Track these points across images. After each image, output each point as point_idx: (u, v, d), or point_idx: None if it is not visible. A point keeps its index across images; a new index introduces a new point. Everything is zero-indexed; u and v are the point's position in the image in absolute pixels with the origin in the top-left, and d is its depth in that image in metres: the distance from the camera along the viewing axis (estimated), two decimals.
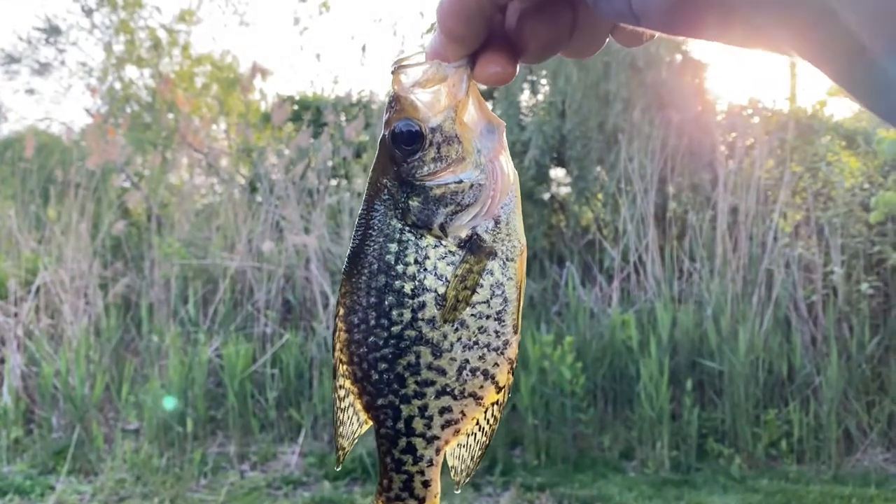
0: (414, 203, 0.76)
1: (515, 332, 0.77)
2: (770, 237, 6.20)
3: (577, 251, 7.19)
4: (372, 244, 0.77)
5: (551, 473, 5.15)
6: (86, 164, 7.23)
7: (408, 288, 0.76)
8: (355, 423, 0.80)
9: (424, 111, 0.75)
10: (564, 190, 8.49)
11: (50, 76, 12.39)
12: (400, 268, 0.76)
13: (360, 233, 0.78)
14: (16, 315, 6.23)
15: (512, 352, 0.77)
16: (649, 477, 5.14)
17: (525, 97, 8.33)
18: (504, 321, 0.76)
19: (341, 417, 0.80)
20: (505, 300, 0.76)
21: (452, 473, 0.81)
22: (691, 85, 7.77)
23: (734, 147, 7.04)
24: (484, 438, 0.80)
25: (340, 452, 0.81)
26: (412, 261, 0.76)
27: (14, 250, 7.00)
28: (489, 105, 0.78)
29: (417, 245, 0.76)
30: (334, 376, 0.79)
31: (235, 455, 5.40)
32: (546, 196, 8.08)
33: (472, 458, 0.81)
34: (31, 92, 12.43)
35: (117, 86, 10.80)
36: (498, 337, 0.77)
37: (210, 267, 6.69)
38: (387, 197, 0.78)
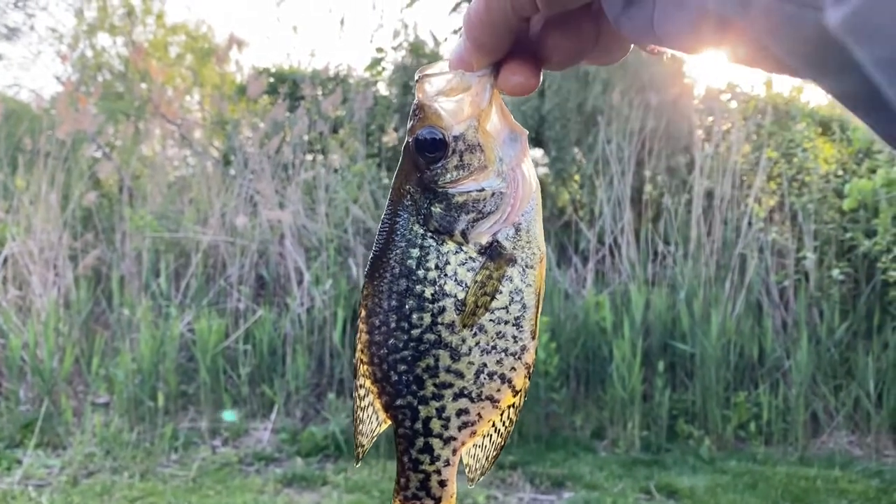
0: (436, 209, 0.78)
1: (533, 338, 0.78)
2: (744, 222, 6.25)
3: (554, 232, 7.20)
4: (394, 248, 0.79)
5: (523, 452, 5.18)
6: (56, 133, 7.07)
7: (428, 292, 0.77)
8: (374, 422, 0.81)
9: (448, 119, 0.76)
10: (541, 171, 8.48)
11: (18, 41, 12.10)
12: (421, 272, 0.78)
13: (382, 237, 0.80)
14: None
15: (529, 357, 0.79)
16: (620, 457, 5.20)
17: None
18: (522, 327, 0.78)
19: (361, 416, 0.81)
20: (523, 306, 0.77)
21: (467, 471, 0.83)
22: (670, 68, 7.77)
23: (711, 131, 7.07)
24: (499, 440, 0.82)
25: (360, 450, 0.83)
26: (433, 266, 0.78)
27: None
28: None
29: (439, 251, 0.78)
30: (355, 376, 0.81)
31: (207, 430, 5.36)
32: None
33: (486, 458, 0.83)
34: None
35: (89, 53, 10.56)
36: (516, 342, 0.78)
37: (182, 240, 6.61)
38: (409, 203, 0.79)
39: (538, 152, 8.38)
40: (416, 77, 0.77)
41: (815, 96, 8.03)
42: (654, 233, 6.47)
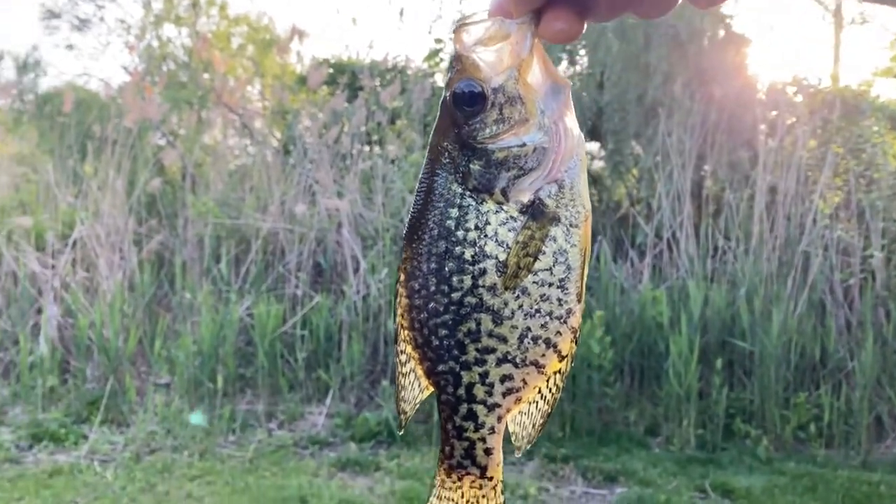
0: (475, 167, 0.74)
1: (579, 301, 0.75)
2: (809, 218, 6.08)
3: (610, 226, 7.12)
4: (432, 209, 0.76)
5: (576, 446, 5.15)
6: (123, 121, 7.28)
7: (468, 254, 0.74)
8: (416, 389, 0.79)
9: (486, 71, 0.72)
10: (598, 164, 8.40)
11: (89, 32, 12.47)
12: (460, 233, 0.75)
13: (420, 197, 0.77)
14: (53, 267, 6.34)
15: (575, 320, 0.76)
16: (674, 454, 5.13)
17: (562, 67, 8.22)
18: (567, 289, 0.75)
19: (403, 382, 0.79)
20: (568, 268, 0.74)
21: (513, 439, 0.80)
22: (734, 60, 7.60)
23: (775, 125, 6.89)
24: (546, 407, 0.79)
25: (402, 417, 0.81)
26: (473, 226, 0.75)
27: (52, 204, 7.11)
28: None
29: (478, 210, 0.75)
30: (396, 341, 0.79)
31: (263, 413, 5.47)
32: None
33: (533, 426, 0.80)
34: (70, 47, 12.52)
35: (155, 44, 10.82)
36: (561, 305, 0.75)
37: (243, 227, 6.74)
38: (447, 161, 0.76)
39: (595, 145, 8.30)
40: (453, 26, 0.73)
41: (886, 90, 7.76)
42: (714, 228, 6.34)
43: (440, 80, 8.65)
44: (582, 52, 8.11)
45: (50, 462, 4.74)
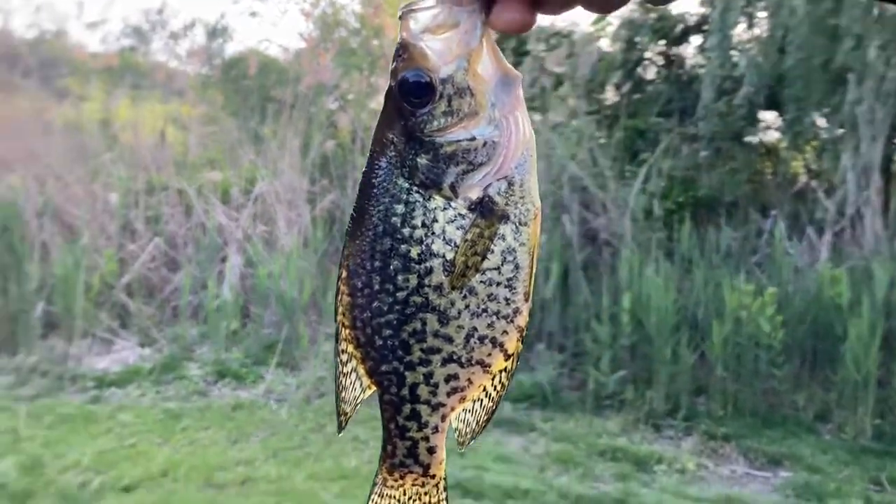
0: (422, 161, 0.72)
1: (526, 300, 0.74)
2: None
3: (786, 201, 6.73)
4: (377, 204, 0.74)
5: (737, 426, 4.99)
6: (299, 85, 7.68)
7: (414, 252, 0.73)
8: (358, 389, 0.77)
9: (434, 60, 0.70)
10: (773, 134, 7.93)
11: (269, 0, 13.16)
12: (406, 231, 0.73)
13: (364, 192, 0.75)
14: (236, 220, 6.85)
15: (522, 319, 0.75)
16: (847, 443, 4.85)
17: (739, 30, 7.77)
18: (515, 288, 0.73)
19: (343, 382, 0.77)
20: (516, 267, 0.73)
21: (457, 435, 0.79)
22: None
23: None
24: (490, 404, 0.78)
25: (342, 418, 0.79)
26: (419, 223, 0.73)
27: (235, 161, 7.65)
28: (697, 38, 0.73)
29: (425, 207, 0.72)
30: (337, 340, 0.77)
31: None
32: (754, 140, 7.59)
33: (477, 423, 0.79)
34: (253, 14, 13.25)
35: (329, 11, 11.26)
36: (508, 305, 0.74)
37: None
38: (393, 154, 0.73)
39: (772, 114, 7.83)
40: (399, 13, 0.71)
41: None
42: None
43: (606, 45, 8.45)
44: (761, 14, 7.63)
45: (232, 397, 5.19)
